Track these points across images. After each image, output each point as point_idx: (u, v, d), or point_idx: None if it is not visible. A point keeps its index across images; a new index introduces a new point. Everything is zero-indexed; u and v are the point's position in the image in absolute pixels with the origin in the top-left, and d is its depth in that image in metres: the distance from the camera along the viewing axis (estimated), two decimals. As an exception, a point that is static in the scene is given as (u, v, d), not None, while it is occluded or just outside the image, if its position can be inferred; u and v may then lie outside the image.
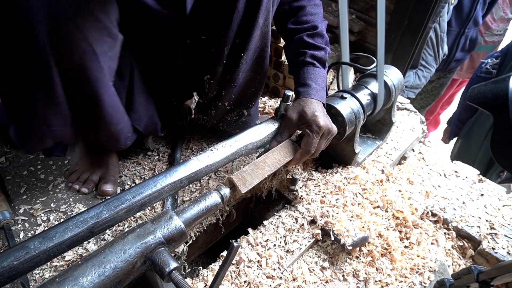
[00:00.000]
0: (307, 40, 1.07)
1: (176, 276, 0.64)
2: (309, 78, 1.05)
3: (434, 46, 2.01)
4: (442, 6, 1.79)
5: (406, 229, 1.11)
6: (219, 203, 0.82)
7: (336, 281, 0.98)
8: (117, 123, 0.95)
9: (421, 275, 1.02)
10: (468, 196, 1.31)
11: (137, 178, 1.16)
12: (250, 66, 1.07)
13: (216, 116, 1.19)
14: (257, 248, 0.98)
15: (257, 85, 1.15)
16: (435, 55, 2.06)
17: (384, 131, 1.37)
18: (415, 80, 2.12)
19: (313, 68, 1.06)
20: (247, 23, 0.97)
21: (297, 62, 1.09)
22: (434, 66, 2.13)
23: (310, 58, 1.07)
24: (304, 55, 1.07)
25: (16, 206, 1.03)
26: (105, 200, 0.76)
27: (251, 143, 0.99)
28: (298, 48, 1.09)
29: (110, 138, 0.99)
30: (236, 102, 1.16)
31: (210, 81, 1.08)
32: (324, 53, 1.09)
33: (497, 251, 1.11)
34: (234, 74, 1.05)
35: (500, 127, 0.61)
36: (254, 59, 1.06)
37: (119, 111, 0.95)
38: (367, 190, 1.16)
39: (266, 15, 0.98)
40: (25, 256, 0.64)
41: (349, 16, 1.81)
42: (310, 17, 1.09)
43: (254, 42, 1.01)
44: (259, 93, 1.19)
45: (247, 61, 1.04)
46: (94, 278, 0.61)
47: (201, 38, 1.05)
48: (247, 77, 1.10)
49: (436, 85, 2.64)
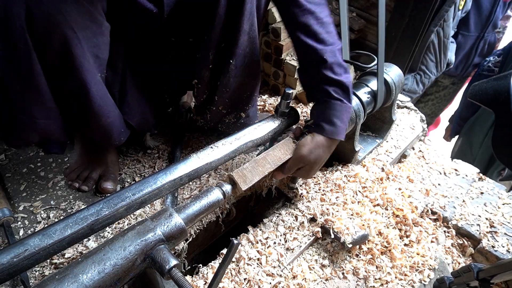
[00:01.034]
0: (328, 75, 0.95)
1: (176, 273, 0.64)
2: (335, 115, 0.96)
3: (436, 52, 1.97)
4: (446, 10, 1.76)
5: (406, 227, 1.11)
6: (221, 199, 0.82)
7: (336, 279, 0.98)
8: (107, 115, 0.92)
9: (421, 273, 1.03)
10: (468, 194, 1.31)
11: (137, 175, 1.16)
12: (241, 72, 1.05)
13: (212, 119, 1.18)
14: (257, 245, 0.98)
15: (252, 88, 1.14)
16: (436, 62, 2.02)
17: (384, 129, 1.37)
18: (412, 84, 2.09)
19: (340, 105, 0.97)
20: (231, 29, 0.95)
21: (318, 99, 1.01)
22: (434, 73, 2.09)
23: (334, 93, 0.96)
24: (325, 93, 0.97)
25: (15, 203, 1.03)
26: (105, 197, 0.76)
27: (251, 140, 0.99)
28: (318, 84, 0.99)
29: (102, 132, 0.96)
30: (231, 105, 1.15)
31: (198, 86, 1.07)
32: (346, 84, 0.97)
33: (497, 249, 1.11)
34: (225, 79, 1.03)
35: (501, 124, 0.61)
36: (245, 64, 1.04)
37: (109, 103, 0.93)
38: (367, 188, 1.16)
39: (252, 20, 0.96)
40: (25, 253, 0.64)
41: (349, 14, 1.80)
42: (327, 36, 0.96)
43: (242, 48, 0.99)
44: (255, 95, 1.18)
45: (237, 67, 1.02)
46: (94, 275, 0.61)
47: (189, 40, 1.04)
48: (240, 82, 1.08)
49: (450, 90, 2.56)
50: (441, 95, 2.59)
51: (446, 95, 2.60)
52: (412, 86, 2.09)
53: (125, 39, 0.96)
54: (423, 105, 2.64)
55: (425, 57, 1.99)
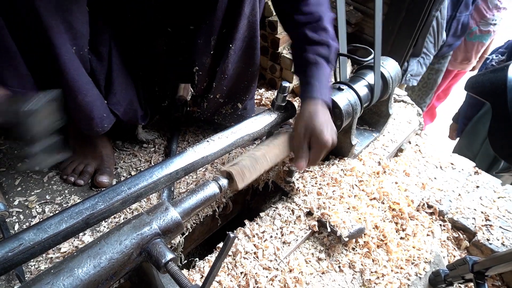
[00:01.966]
0: (310, 34, 0.99)
1: (172, 267, 0.64)
2: (312, 77, 0.98)
3: (435, 33, 2.00)
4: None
5: (402, 220, 1.11)
6: (217, 193, 0.82)
7: (332, 272, 0.98)
8: (84, 93, 0.89)
9: (417, 266, 1.03)
10: (464, 188, 1.31)
11: (133, 170, 1.16)
12: (240, 57, 1.05)
13: (209, 109, 1.17)
14: (254, 239, 0.98)
15: (250, 78, 1.14)
16: (435, 42, 2.06)
17: (381, 123, 1.37)
18: (418, 68, 2.12)
19: (316, 66, 0.99)
20: (232, 12, 0.95)
21: (300, 60, 1.03)
22: (433, 52, 2.13)
23: (312, 54, 0.99)
24: (306, 51, 1.00)
25: (10, 198, 1.02)
26: (100, 191, 0.76)
27: (247, 134, 0.98)
28: (300, 44, 1.02)
29: (81, 114, 0.93)
30: (228, 94, 1.15)
31: (199, 73, 1.07)
32: (327, 50, 1.01)
33: (492, 242, 1.11)
34: (224, 65, 1.03)
35: (498, 116, 0.61)
36: (243, 49, 1.04)
37: (85, 80, 0.89)
38: (363, 182, 1.16)
39: (253, 4, 0.96)
40: (20, 248, 0.63)
41: (347, 7, 1.79)
42: (314, 7, 1.00)
43: (242, 32, 0.99)
44: (252, 86, 1.17)
45: (236, 52, 1.02)
46: (89, 269, 0.60)
47: (189, 28, 1.02)
48: (238, 68, 1.08)
49: (432, 71, 2.60)
50: (424, 77, 2.62)
51: (429, 77, 2.63)
52: (417, 70, 2.11)
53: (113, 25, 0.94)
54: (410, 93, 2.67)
55: (426, 40, 2.01)
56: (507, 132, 0.60)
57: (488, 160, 2.25)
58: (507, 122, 0.59)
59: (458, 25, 2.35)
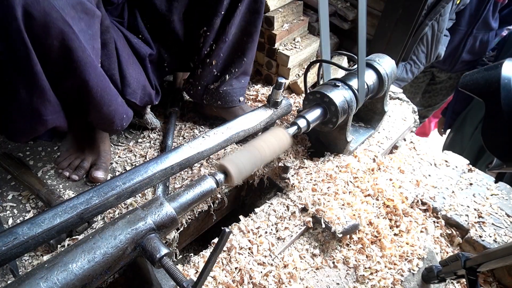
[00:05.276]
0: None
1: (167, 262, 0.64)
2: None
3: (429, 44, 1.98)
4: (443, 5, 1.76)
5: (396, 217, 1.12)
6: (214, 188, 0.81)
7: (327, 268, 0.99)
8: (109, 104, 0.93)
9: (410, 262, 1.04)
10: (458, 185, 1.33)
11: (128, 165, 1.15)
12: (239, 21, 1.11)
13: (202, 78, 1.20)
14: (249, 235, 0.98)
15: (244, 49, 1.17)
16: (427, 53, 2.03)
17: (376, 120, 1.37)
18: (402, 72, 2.10)
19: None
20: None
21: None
22: (424, 63, 2.10)
23: None
24: None
25: (4, 192, 1.02)
26: (95, 186, 0.75)
27: (243, 130, 0.98)
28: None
29: (103, 120, 0.97)
30: (223, 63, 1.19)
31: (207, 33, 1.11)
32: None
33: (484, 239, 1.13)
34: (228, 26, 1.08)
35: (491, 114, 0.62)
36: (248, 10, 1.10)
37: (110, 92, 0.93)
38: (358, 178, 1.17)
39: None
40: (14, 242, 0.63)
41: (343, 4, 1.79)
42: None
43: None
44: (245, 61, 1.20)
45: (241, 12, 1.09)
46: (84, 264, 0.60)
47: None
48: (236, 34, 1.13)
49: (447, 85, 2.56)
50: (436, 88, 2.60)
51: (442, 89, 2.61)
52: (401, 74, 2.10)
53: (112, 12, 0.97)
54: (420, 97, 2.65)
55: (417, 48, 2.00)
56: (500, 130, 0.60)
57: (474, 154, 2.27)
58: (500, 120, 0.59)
59: (475, 42, 2.28)
